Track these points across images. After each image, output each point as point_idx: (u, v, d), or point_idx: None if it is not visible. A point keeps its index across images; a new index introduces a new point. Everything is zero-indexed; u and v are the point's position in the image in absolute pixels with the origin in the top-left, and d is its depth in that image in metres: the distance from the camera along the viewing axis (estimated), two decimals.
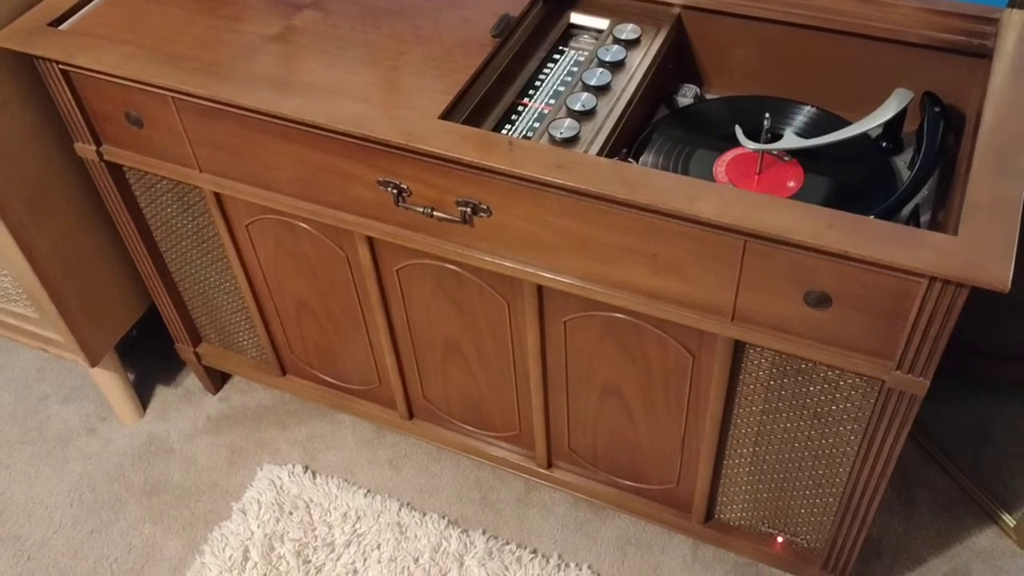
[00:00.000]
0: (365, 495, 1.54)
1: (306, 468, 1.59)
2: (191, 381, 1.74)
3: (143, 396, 1.72)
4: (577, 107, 1.10)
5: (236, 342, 1.57)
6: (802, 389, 1.06)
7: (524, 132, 1.10)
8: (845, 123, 1.16)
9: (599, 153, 1.06)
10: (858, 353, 0.97)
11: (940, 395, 0.95)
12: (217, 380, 1.72)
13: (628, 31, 1.20)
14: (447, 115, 1.04)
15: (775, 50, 1.20)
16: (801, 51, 1.18)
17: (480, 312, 1.20)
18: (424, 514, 1.51)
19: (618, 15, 1.23)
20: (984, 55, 1.08)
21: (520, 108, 1.14)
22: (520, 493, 1.54)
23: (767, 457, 1.18)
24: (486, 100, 1.12)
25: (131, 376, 1.74)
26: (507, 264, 1.09)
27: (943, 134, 1.08)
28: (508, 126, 1.11)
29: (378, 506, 1.52)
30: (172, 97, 1.12)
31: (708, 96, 1.26)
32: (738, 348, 1.05)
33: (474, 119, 1.09)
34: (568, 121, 1.08)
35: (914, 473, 1.51)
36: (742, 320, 1.00)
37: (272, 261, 1.33)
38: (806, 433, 1.11)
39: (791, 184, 1.10)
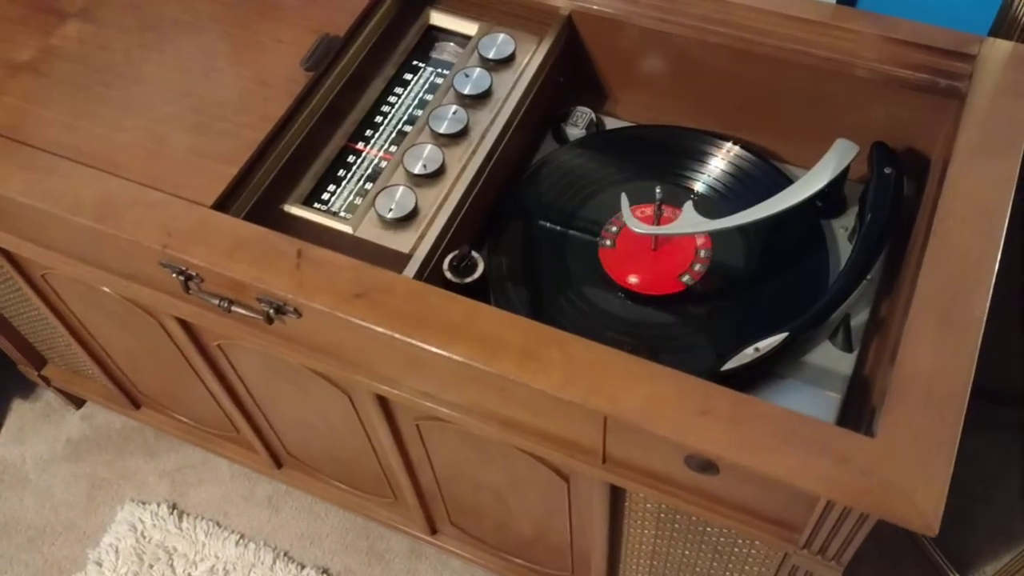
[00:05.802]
0: (237, 543, 1.35)
1: (172, 508, 1.40)
2: (51, 394, 1.53)
3: None
4: (417, 169, 0.84)
5: (82, 368, 1.35)
6: (698, 528, 0.85)
7: (351, 198, 0.85)
8: (773, 168, 0.90)
9: (442, 236, 0.81)
10: (757, 519, 0.75)
11: None
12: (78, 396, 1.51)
13: (498, 45, 0.92)
14: (232, 192, 0.79)
15: (693, 66, 0.93)
16: (725, 70, 0.91)
17: (322, 398, 0.98)
18: (302, 567, 1.33)
19: (490, 16, 0.95)
20: (955, 96, 0.81)
21: (352, 157, 0.88)
22: (412, 543, 1.35)
23: (667, 573, 0.98)
24: (303, 149, 0.86)
25: None
26: (333, 369, 0.85)
27: (894, 200, 0.83)
28: (332, 186, 0.86)
29: (251, 557, 1.34)
30: None
31: (608, 121, 0.99)
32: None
33: (281, 183, 0.83)
34: (402, 190, 0.82)
35: None
36: (615, 464, 0.78)
37: (83, 313, 1.09)
38: (707, 564, 0.91)
39: (694, 266, 0.85)
